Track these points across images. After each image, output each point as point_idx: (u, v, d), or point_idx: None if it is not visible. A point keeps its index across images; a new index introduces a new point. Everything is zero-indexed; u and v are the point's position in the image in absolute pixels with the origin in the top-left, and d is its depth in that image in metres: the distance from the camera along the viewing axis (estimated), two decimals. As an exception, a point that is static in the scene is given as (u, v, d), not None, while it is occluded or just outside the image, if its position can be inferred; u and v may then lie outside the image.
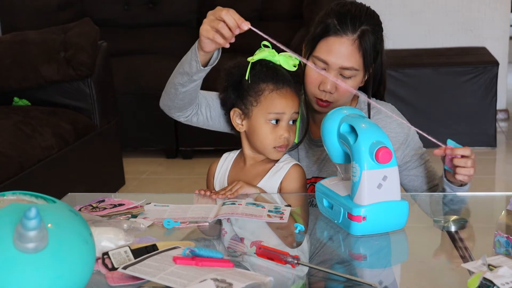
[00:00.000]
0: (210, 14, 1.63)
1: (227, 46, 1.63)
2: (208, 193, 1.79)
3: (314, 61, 1.81)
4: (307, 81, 1.83)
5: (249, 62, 1.78)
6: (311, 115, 1.95)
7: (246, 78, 1.78)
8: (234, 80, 1.83)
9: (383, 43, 1.86)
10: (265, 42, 1.79)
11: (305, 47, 1.88)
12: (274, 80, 1.78)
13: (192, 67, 1.72)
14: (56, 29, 3.50)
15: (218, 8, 1.62)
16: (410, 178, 1.89)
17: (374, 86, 1.92)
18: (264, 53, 1.79)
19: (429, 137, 1.66)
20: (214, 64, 1.74)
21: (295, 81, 1.81)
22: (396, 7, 4.87)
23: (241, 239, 1.50)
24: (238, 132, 1.87)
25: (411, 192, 1.89)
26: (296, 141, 1.86)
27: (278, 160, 1.84)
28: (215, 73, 1.85)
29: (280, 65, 1.79)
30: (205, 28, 1.63)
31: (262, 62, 1.80)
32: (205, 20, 1.63)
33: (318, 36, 1.81)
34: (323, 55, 1.79)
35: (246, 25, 1.59)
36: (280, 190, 1.80)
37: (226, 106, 1.88)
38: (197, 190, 1.82)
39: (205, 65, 1.72)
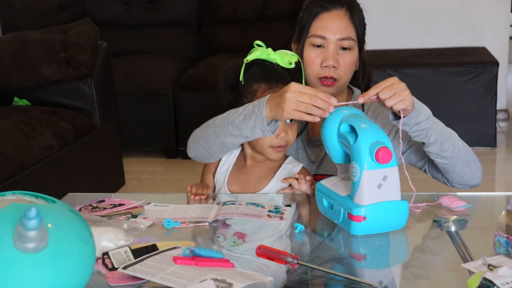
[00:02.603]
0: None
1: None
2: (202, 197, 1.77)
3: (312, 40, 1.83)
4: (308, 63, 1.83)
5: (243, 63, 1.78)
6: None
7: (241, 79, 1.77)
8: (231, 82, 1.82)
9: (365, 28, 1.89)
10: (258, 42, 1.80)
11: (295, 43, 1.89)
12: (266, 79, 1.77)
13: (256, 133, 1.67)
14: (56, 29, 3.50)
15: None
16: (412, 158, 1.85)
17: (363, 85, 1.93)
18: (257, 52, 1.79)
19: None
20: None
21: (292, 77, 1.80)
22: (396, 7, 4.87)
23: (228, 225, 1.53)
24: None
25: (420, 166, 1.84)
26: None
27: (282, 161, 1.84)
28: (215, 73, 1.85)
29: (275, 63, 1.79)
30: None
31: (257, 61, 1.79)
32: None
33: (310, 18, 1.84)
34: (320, 31, 1.83)
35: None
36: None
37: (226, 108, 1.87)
38: (189, 186, 1.81)
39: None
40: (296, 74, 1.81)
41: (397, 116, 1.60)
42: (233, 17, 4.79)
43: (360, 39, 1.86)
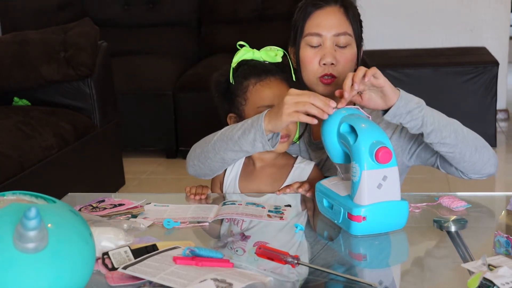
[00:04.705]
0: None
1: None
2: (203, 196, 1.77)
3: (307, 40, 1.80)
4: (306, 63, 1.81)
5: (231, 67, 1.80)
6: None
7: (231, 81, 1.80)
8: (222, 88, 1.84)
9: (361, 26, 1.86)
10: (240, 42, 1.81)
11: (291, 46, 1.87)
12: (255, 73, 1.78)
13: (257, 147, 1.66)
14: (56, 29, 3.50)
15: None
16: (422, 156, 1.81)
17: None
18: (242, 53, 1.81)
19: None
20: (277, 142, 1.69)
21: (281, 70, 1.80)
22: (396, 7, 4.87)
23: (247, 237, 1.49)
24: None
25: (434, 165, 1.81)
26: (296, 136, 1.84)
27: (293, 161, 1.84)
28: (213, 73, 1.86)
29: (263, 60, 1.80)
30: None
31: (244, 62, 1.81)
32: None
33: (304, 18, 1.81)
34: (315, 29, 1.79)
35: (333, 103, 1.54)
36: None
37: (223, 116, 1.87)
38: (188, 188, 1.80)
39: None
40: (285, 67, 1.81)
41: (385, 111, 1.60)
42: (233, 17, 4.80)
43: (357, 36, 1.82)
